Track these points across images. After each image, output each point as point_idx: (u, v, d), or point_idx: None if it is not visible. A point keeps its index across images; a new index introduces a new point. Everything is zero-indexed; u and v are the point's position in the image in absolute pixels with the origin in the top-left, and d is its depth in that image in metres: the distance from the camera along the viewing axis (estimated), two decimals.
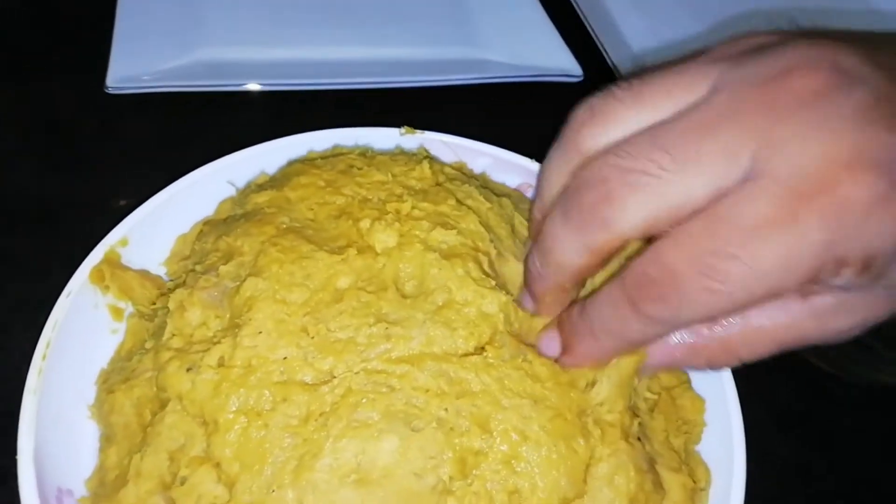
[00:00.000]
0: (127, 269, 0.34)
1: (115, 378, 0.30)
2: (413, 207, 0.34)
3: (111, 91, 0.47)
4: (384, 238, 0.32)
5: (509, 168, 0.43)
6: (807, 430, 0.42)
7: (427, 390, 0.28)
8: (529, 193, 0.43)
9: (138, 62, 0.48)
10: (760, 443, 0.37)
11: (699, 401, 0.34)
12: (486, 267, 0.33)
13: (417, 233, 0.33)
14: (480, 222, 0.35)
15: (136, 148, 0.46)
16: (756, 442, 0.33)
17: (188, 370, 0.28)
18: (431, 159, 0.38)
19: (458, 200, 0.35)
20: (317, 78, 0.49)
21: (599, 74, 0.54)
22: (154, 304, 0.33)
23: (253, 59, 0.51)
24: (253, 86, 0.49)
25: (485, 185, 0.41)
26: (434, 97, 0.51)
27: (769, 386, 0.43)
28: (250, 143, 0.39)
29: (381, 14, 0.56)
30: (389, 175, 0.36)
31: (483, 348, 0.30)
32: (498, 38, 0.56)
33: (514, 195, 0.41)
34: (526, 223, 0.39)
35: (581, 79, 0.54)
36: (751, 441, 0.33)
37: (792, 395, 0.43)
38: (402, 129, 0.42)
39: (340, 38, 0.53)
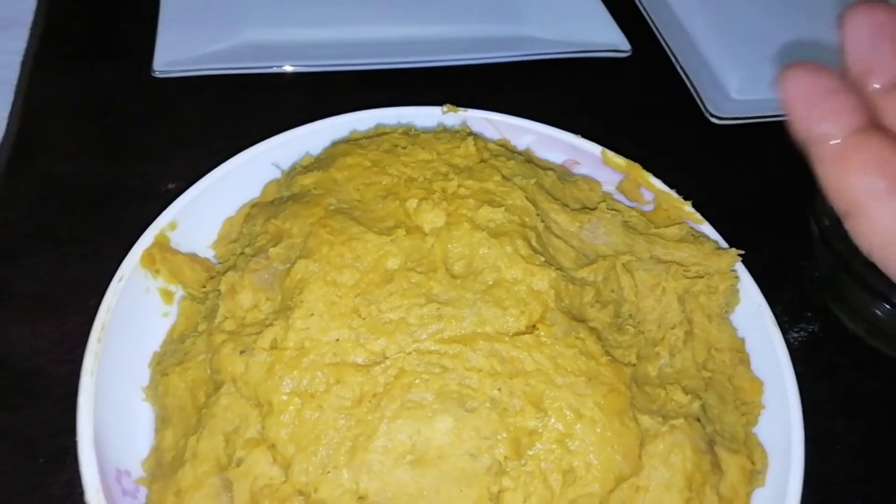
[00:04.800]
0: (177, 252, 0.34)
1: (168, 360, 0.30)
2: (459, 185, 0.34)
3: (158, 75, 0.47)
4: (432, 218, 0.32)
5: (554, 144, 0.42)
6: (869, 412, 0.41)
7: (480, 370, 0.28)
8: (575, 169, 0.42)
9: (183, 46, 0.48)
10: (821, 425, 0.36)
11: (757, 382, 0.33)
12: (534, 242, 0.32)
13: (465, 211, 0.32)
14: (527, 197, 0.34)
15: (184, 131, 0.46)
16: (816, 424, 0.32)
17: (241, 353, 0.28)
18: (475, 136, 0.38)
19: (503, 177, 0.35)
20: (358, 58, 0.49)
21: (648, 48, 0.53)
22: (205, 287, 0.33)
23: (294, 41, 0.50)
24: (295, 67, 0.49)
25: (529, 160, 0.40)
26: (478, 75, 0.50)
27: (831, 368, 0.42)
28: (294, 125, 0.39)
29: None
30: (434, 153, 0.35)
31: (535, 326, 0.30)
32: (542, 14, 0.55)
33: (558, 170, 0.41)
34: (572, 196, 0.38)
35: (629, 53, 0.52)
36: (810, 423, 0.32)
37: (854, 376, 0.42)
38: (445, 108, 0.41)
39: (382, 18, 0.52)
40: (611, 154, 0.42)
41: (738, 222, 0.46)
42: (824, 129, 0.20)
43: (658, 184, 0.41)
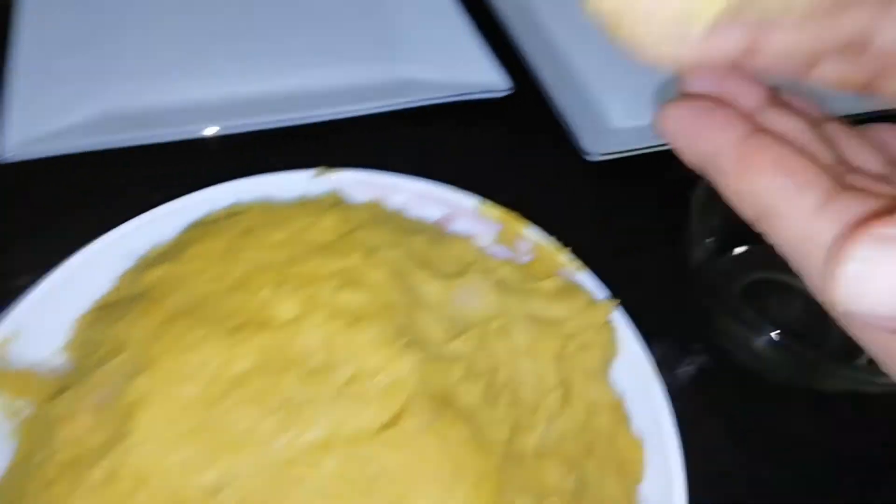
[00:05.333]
0: (15, 367, 0.32)
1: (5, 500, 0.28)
2: (317, 267, 0.32)
3: (9, 159, 0.44)
4: (285, 308, 0.31)
5: (429, 200, 0.41)
6: (761, 444, 0.41)
7: (339, 477, 0.27)
8: (452, 224, 0.41)
9: (37, 123, 0.45)
10: (712, 463, 0.35)
11: (637, 442, 0.33)
12: (398, 323, 0.31)
13: (322, 296, 0.31)
14: (392, 271, 0.33)
15: (41, 217, 0.43)
16: (707, 463, 0.32)
17: (75, 489, 0.26)
18: (339, 206, 0.36)
19: (367, 249, 0.34)
20: (232, 120, 0.46)
21: (531, 85, 0.52)
22: (45, 404, 0.31)
23: (163, 106, 0.48)
24: (153, 137, 0.46)
25: (402, 222, 0.39)
26: (353, 126, 0.48)
27: (721, 402, 0.42)
28: (167, 200, 0.37)
29: (286, 38, 0.53)
30: (292, 231, 0.34)
31: (398, 418, 0.29)
32: (420, 54, 0.53)
33: (432, 230, 0.40)
34: (446, 257, 0.37)
35: (510, 91, 0.51)
36: (700, 463, 0.32)
37: (745, 409, 0.42)
38: (314, 172, 0.40)
39: (251, 72, 0.50)
40: (486, 205, 0.41)
41: (619, 262, 0.46)
42: (715, 141, 0.19)
43: (534, 234, 0.40)
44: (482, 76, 0.52)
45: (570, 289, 0.37)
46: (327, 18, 0.55)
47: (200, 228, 0.35)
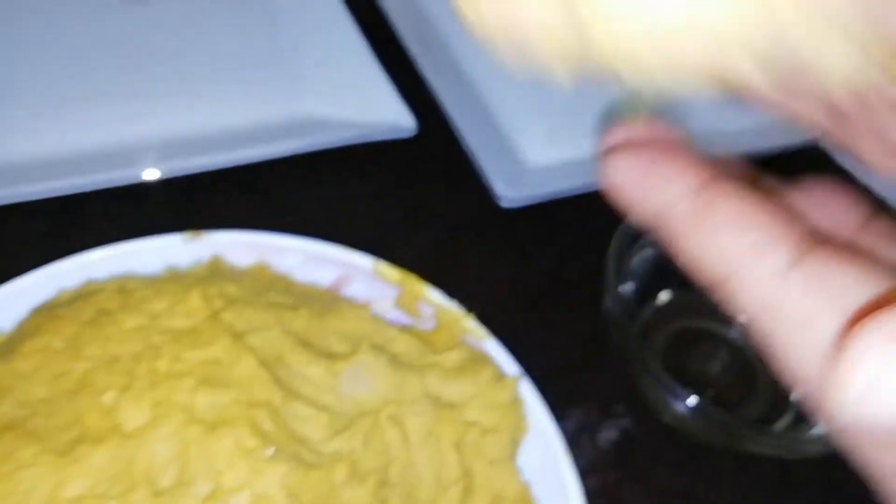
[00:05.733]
0: None
1: None
2: (174, 360, 0.28)
3: None
4: (133, 415, 0.26)
5: (322, 261, 0.37)
6: None
7: None
8: (347, 287, 0.37)
9: None
10: None
11: None
12: (266, 425, 0.27)
13: (178, 397, 0.27)
14: (263, 360, 0.29)
15: None
16: None
17: None
18: (209, 279, 0.32)
19: (235, 335, 0.30)
20: (97, 174, 0.41)
21: (439, 124, 0.48)
22: None
23: (29, 159, 0.43)
24: (25, 194, 0.40)
25: (287, 289, 0.35)
26: (238, 176, 0.44)
27: (647, 466, 0.39)
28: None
29: (167, 76, 0.49)
30: (149, 316, 0.30)
31: None
32: (324, 93, 0.49)
33: (321, 298, 0.36)
34: (335, 331, 0.33)
35: (416, 132, 0.48)
36: None
37: (670, 473, 0.39)
38: (185, 235, 0.36)
39: (129, 116, 0.45)
40: (384, 266, 0.37)
41: (534, 318, 0.43)
42: (665, 196, 0.17)
43: (437, 297, 0.36)
44: (387, 115, 0.48)
45: (475, 362, 0.33)
46: (223, 54, 0.51)
47: (44, 315, 0.30)
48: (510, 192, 0.45)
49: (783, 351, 0.16)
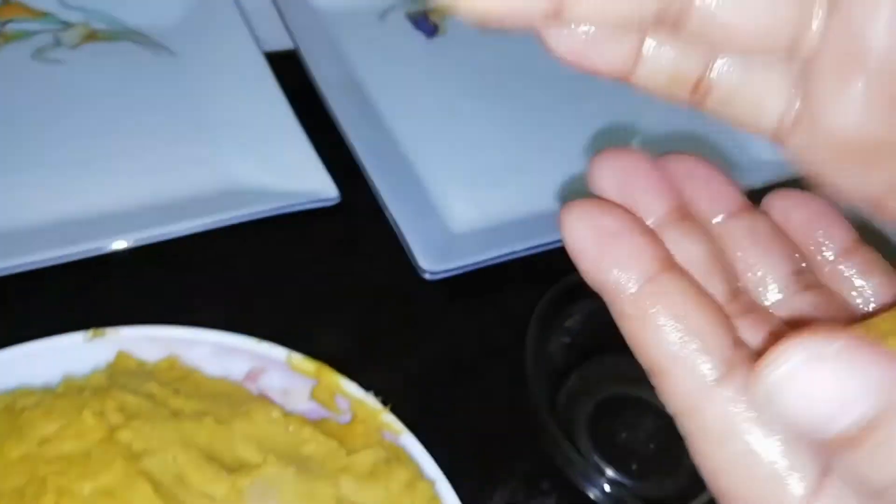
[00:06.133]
0: None
1: None
2: (63, 494, 0.27)
3: None
4: None
5: (233, 353, 0.36)
6: None
7: None
8: (261, 379, 0.36)
9: None
10: None
11: None
12: None
13: None
14: (159, 483, 0.28)
15: None
16: None
17: None
18: (104, 395, 0.31)
19: (131, 457, 0.28)
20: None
21: (363, 195, 0.47)
22: None
23: None
24: None
25: (195, 389, 0.34)
26: (147, 256, 0.42)
27: None
28: None
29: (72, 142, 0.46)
30: (35, 442, 0.28)
31: None
32: (244, 161, 0.48)
33: (234, 395, 0.35)
34: (242, 436, 0.32)
35: (337, 201, 0.47)
36: None
37: None
38: (87, 333, 0.34)
39: (16, 190, 0.43)
40: (297, 358, 0.36)
41: (460, 393, 0.42)
42: (617, 277, 0.17)
43: (352, 389, 0.36)
44: (309, 184, 0.47)
45: (388, 463, 0.33)
46: (133, 120, 0.49)
47: None
48: (433, 265, 0.44)
49: (702, 455, 0.17)
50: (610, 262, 0.17)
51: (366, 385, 0.36)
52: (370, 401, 0.35)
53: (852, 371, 0.13)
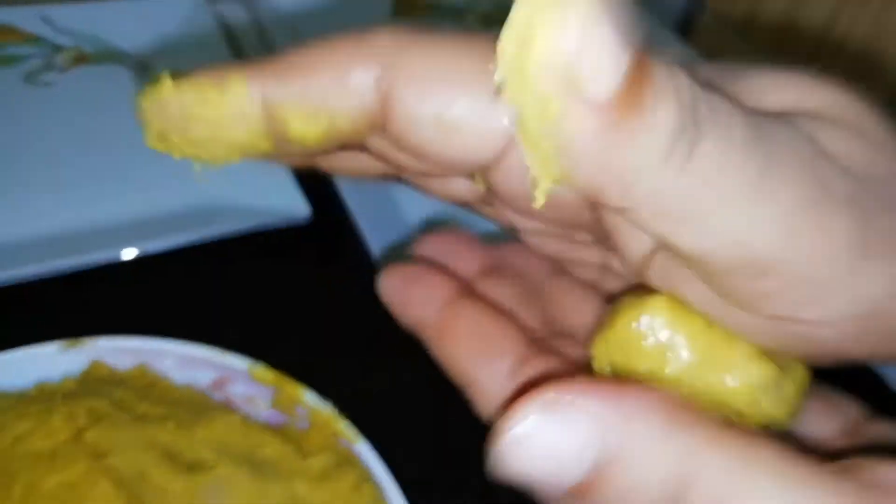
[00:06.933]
0: None
1: None
2: (30, 487, 0.29)
3: None
4: None
5: (199, 363, 0.39)
6: None
7: None
8: (227, 387, 0.39)
9: None
10: None
11: None
12: None
13: None
14: (120, 479, 0.30)
15: None
16: None
17: None
18: (74, 400, 0.33)
19: (95, 455, 0.31)
20: None
21: (329, 212, 0.50)
22: None
23: None
24: None
25: (162, 396, 0.37)
26: (117, 275, 0.45)
27: None
28: None
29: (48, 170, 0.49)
30: (9, 440, 0.30)
31: None
32: (213, 179, 0.51)
33: (198, 402, 0.37)
34: (203, 441, 0.35)
35: (309, 220, 0.49)
36: None
37: None
38: (62, 343, 0.37)
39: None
40: (259, 369, 0.39)
41: (415, 413, 0.44)
42: (419, 311, 0.20)
43: (311, 398, 0.38)
44: (280, 202, 0.49)
45: (339, 467, 0.35)
46: (105, 139, 0.51)
47: None
48: None
49: None
50: (415, 298, 0.20)
51: (324, 395, 0.38)
52: (327, 409, 0.37)
53: (572, 424, 0.14)
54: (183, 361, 0.38)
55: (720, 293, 0.16)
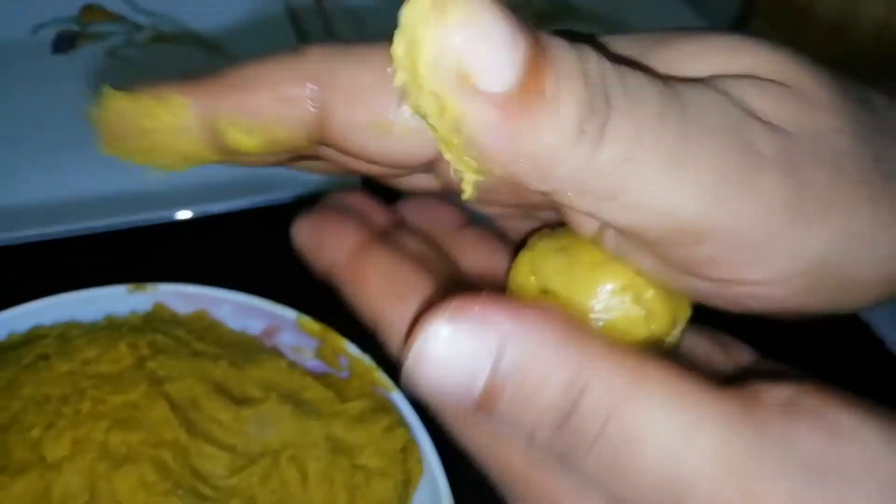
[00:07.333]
0: None
1: None
2: (97, 403, 0.32)
3: None
4: (55, 448, 0.31)
5: (252, 312, 0.42)
6: None
7: None
8: (276, 336, 0.42)
9: None
10: None
11: None
12: (170, 461, 0.31)
13: (95, 435, 0.31)
14: (174, 404, 0.33)
15: None
16: None
17: None
18: (138, 333, 0.36)
19: (154, 381, 0.34)
20: (42, 226, 0.45)
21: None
22: None
23: None
24: None
25: (217, 338, 0.40)
26: (185, 231, 0.48)
27: None
28: None
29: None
30: (79, 362, 0.34)
31: None
32: None
33: (245, 346, 0.40)
34: (252, 380, 0.37)
35: (359, 187, 0.52)
36: None
37: None
38: (130, 286, 0.40)
39: (77, 169, 0.49)
40: (306, 320, 0.41)
41: None
42: (331, 256, 0.21)
43: (352, 349, 0.41)
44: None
45: (375, 411, 0.37)
46: None
47: None
48: None
49: None
50: (327, 243, 0.21)
51: (364, 348, 0.41)
52: (367, 360, 0.40)
53: (477, 333, 0.15)
54: (238, 309, 0.41)
55: (665, 262, 0.16)
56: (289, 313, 0.41)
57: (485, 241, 0.22)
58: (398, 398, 0.39)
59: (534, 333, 0.15)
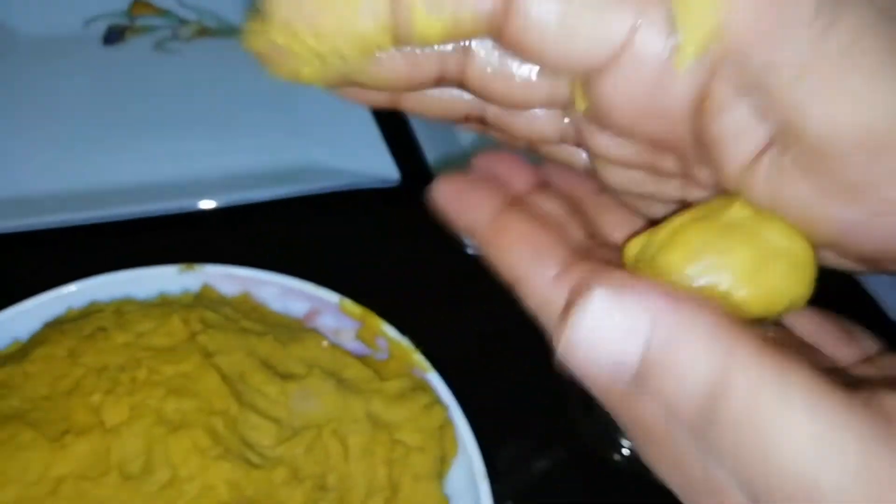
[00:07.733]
0: None
1: None
2: (152, 372, 0.34)
3: None
4: (113, 414, 0.32)
5: (295, 294, 0.43)
6: None
7: None
8: (317, 319, 0.43)
9: None
10: None
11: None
12: (220, 430, 0.33)
13: (151, 402, 0.33)
14: (225, 376, 0.35)
15: None
16: None
17: None
18: (192, 306, 0.38)
19: (205, 354, 0.35)
20: (98, 210, 0.48)
21: (417, 177, 0.54)
22: None
23: (34, 194, 0.49)
24: (27, 225, 0.47)
25: (262, 318, 0.41)
26: (230, 217, 0.50)
27: (575, 495, 0.44)
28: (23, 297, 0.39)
29: (164, 120, 0.55)
30: (135, 335, 0.36)
31: None
32: (314, 140, 0.56)
33: (289, 326, 0.42)
34: (295, 358, 0.39)
35: (398, 184, 0.54)
36: None
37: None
38: (180, 267, 0.42)
39: (123, 159, 0.52)
40: (348, 303, 0.43)
41: (482, 361, 0.48)
42: (471, 217, 0.21)
43: (391, 332, 0.42)
44: (373, 165, 0.54)
45: (413, 390, 0.39)
46: (223, 102, 0.57)
47: (53, 328, 0.36)
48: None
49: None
50: (468, 206, 0.21)
51: (403, 330, 0.42)
52: (405, 343, 0.41)
53: (632, 311, 0.15)
54: (282, 291, 0.43)
55: (830, 183, 0.16)
56: (331, 296, 0.43)
57: (620, 210, 0.23)
58: (435, 379, 0.40)
59: (685, 320, 0.15)
